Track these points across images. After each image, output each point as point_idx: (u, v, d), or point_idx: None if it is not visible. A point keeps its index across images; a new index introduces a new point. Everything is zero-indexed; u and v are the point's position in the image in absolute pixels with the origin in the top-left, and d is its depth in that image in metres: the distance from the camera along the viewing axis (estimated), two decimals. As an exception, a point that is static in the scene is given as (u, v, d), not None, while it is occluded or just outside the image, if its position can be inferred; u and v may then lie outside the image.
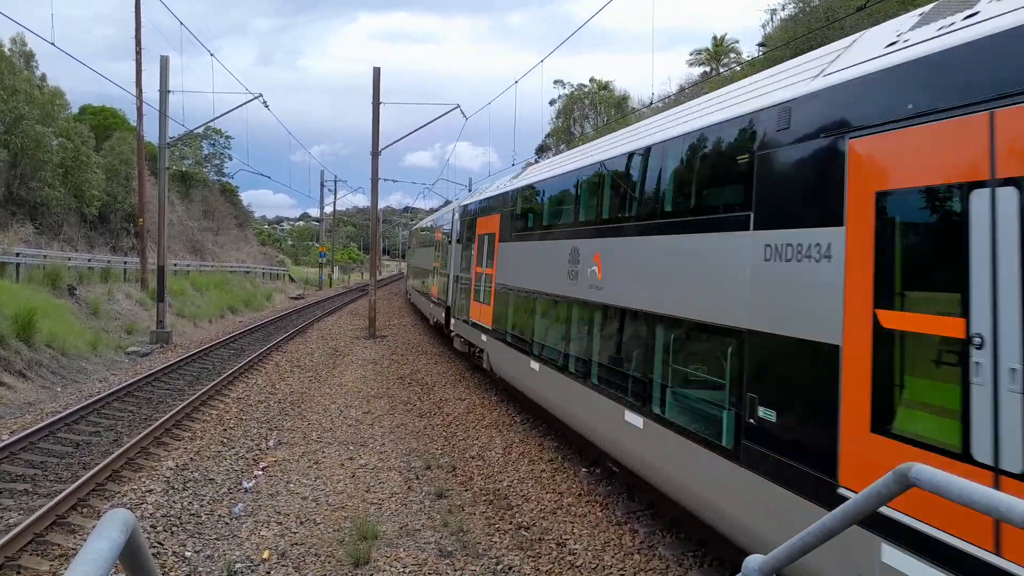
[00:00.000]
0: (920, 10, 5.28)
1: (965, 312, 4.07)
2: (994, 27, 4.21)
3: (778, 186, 5.80)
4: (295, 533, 8.21)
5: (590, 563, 7.49)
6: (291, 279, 61.64)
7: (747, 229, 6.01)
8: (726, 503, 6.17)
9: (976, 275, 4.03)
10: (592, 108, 67.65)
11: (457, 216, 21.72)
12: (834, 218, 5.00)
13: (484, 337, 15.58)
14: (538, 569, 7.37)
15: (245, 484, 9.89)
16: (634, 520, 8.60)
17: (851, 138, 4.93)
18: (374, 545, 7.71)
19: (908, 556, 4.26)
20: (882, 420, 4.55)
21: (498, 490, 9.77)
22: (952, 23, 4.63)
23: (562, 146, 60.65)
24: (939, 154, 4.37)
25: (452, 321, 20.39)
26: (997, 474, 3.84)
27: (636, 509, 8.91)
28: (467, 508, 9.06)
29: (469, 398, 15.67)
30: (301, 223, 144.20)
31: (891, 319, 4.56)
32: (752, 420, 5.75)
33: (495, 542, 8.04)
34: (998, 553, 3.80)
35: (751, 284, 5.95)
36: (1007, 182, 3.92)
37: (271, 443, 11.94)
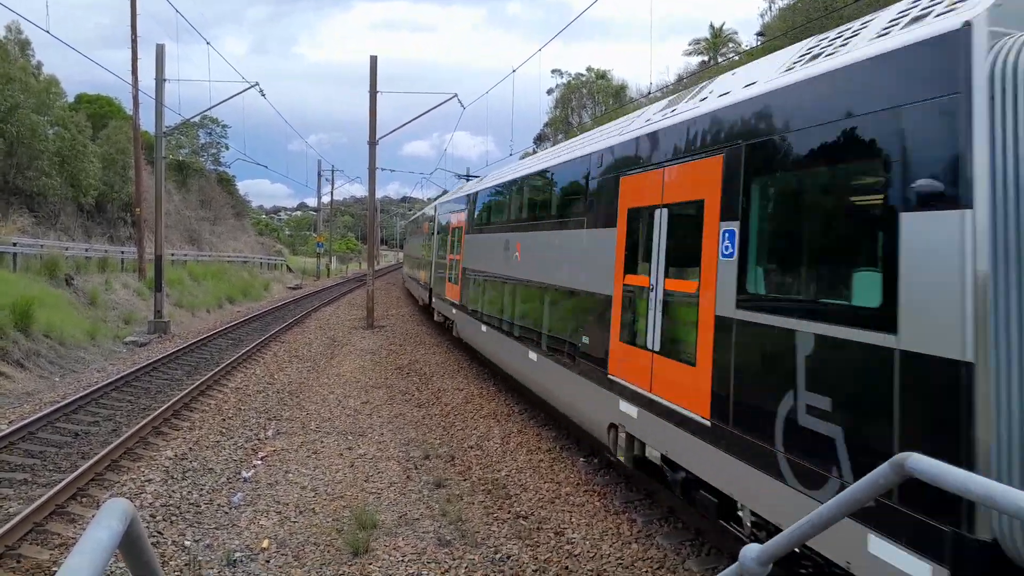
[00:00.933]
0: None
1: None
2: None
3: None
4: (294, 522, 8.23)
5: (588, 552, 7.52)
6: (289, 269, 61.59)
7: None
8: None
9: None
10: (590, 97, 67.49)
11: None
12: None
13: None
14: (536, 558, 7.41)
15: (244, 474, 9.91)
16: (632, 509, 8.63)
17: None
18: (373, 534, 7.73)
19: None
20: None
21: (496, 479, 9.80)
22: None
23: (560, 136, 60.54)
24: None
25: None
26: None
27: (634, 498, 8.95)
28: (465, 497, 9.09)
29: (467, 388, 15.69)
30: (299, 213, 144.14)
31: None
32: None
33: (493, 531, 8.07)
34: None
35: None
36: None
37: (270, 433, 11.96)
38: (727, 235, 6.23)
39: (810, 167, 5.44)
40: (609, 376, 8.53)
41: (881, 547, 4.52)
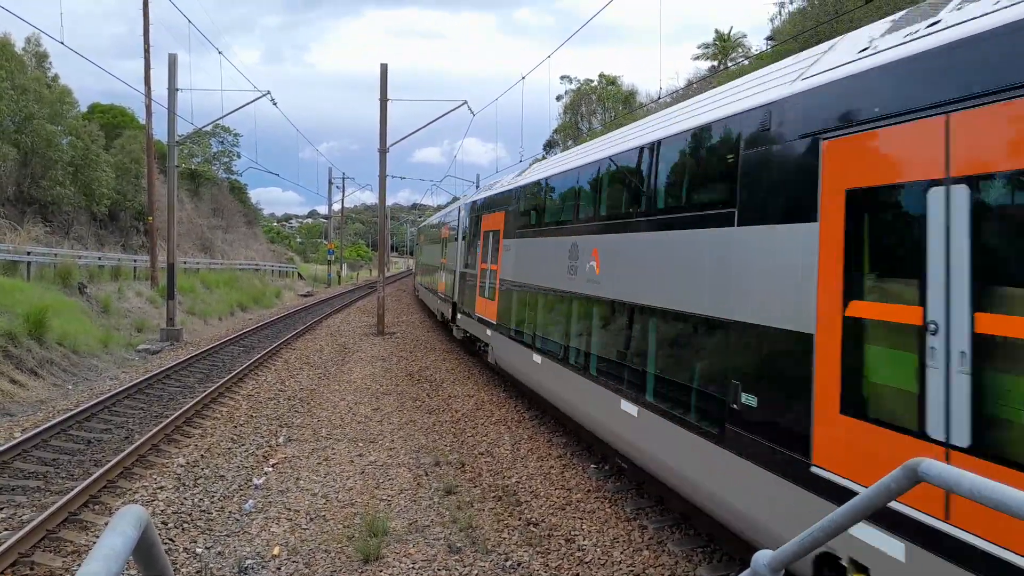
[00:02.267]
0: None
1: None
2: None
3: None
4: (305, 529, 8.25)
5: (599, 559, 7.49)
6: (300, 276, 61.83)
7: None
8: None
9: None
10: (600, 104, 67.48)
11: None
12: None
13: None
14: (547, 565, 7.38)
15: (255, 481, 9.93)
16: (643, 516, 8.60)
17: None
18: (384, 541, 7.74)
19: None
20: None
21: (507, 486, 9.79)
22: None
23: (570, 142, 60.55)
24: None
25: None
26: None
27: (645, 505, 8.91)
28: (476, 504, 9.08)
29: (477, 395, 15.69)
30: (310, 220, 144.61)
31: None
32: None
33: (504, 538, 8.05)
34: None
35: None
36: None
37: (281, 440, 11.99)
38: None
39: None
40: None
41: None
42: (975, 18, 4.47)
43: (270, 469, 10.47)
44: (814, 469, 5.10)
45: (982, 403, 4.10)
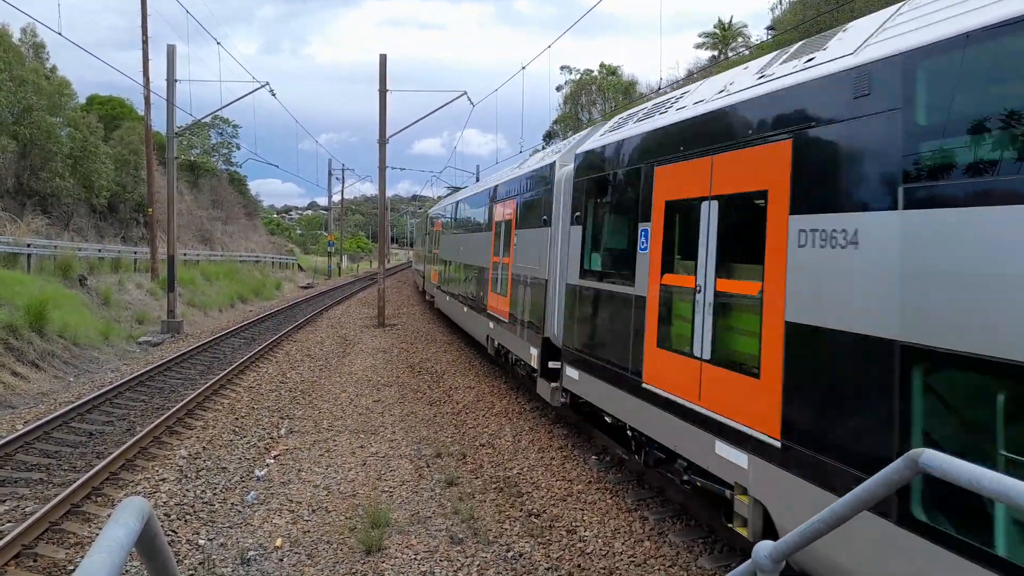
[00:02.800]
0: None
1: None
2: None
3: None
4: (307, 521, 8.27)
5: (600, 550, 7.52)
6: (300, 268, 61.82)
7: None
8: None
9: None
10: (600, 94, 67.30)
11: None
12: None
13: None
14: (548, 556, 7.41)
15: (257, 472, 9.96)
16: (644, 507, 8.62)
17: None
18: (385, 532, 7.76)
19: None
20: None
21: (508, 478, 9.81)
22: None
23: (569, 132, 60.35)
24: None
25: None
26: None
27: (646, 496, 8.93)
28: (477, 495, 9.10)
29: (478, 386, 15.71)
30: (309, 212, 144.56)
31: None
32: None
33: (506, 529, 8.08)
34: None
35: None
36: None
37: (282, 431, 12.02)
38: None
39: None
40: (644, 386, 8.04)
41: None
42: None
43: (272, 461, 10.50)
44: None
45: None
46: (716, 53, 54.94)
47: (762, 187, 5.92)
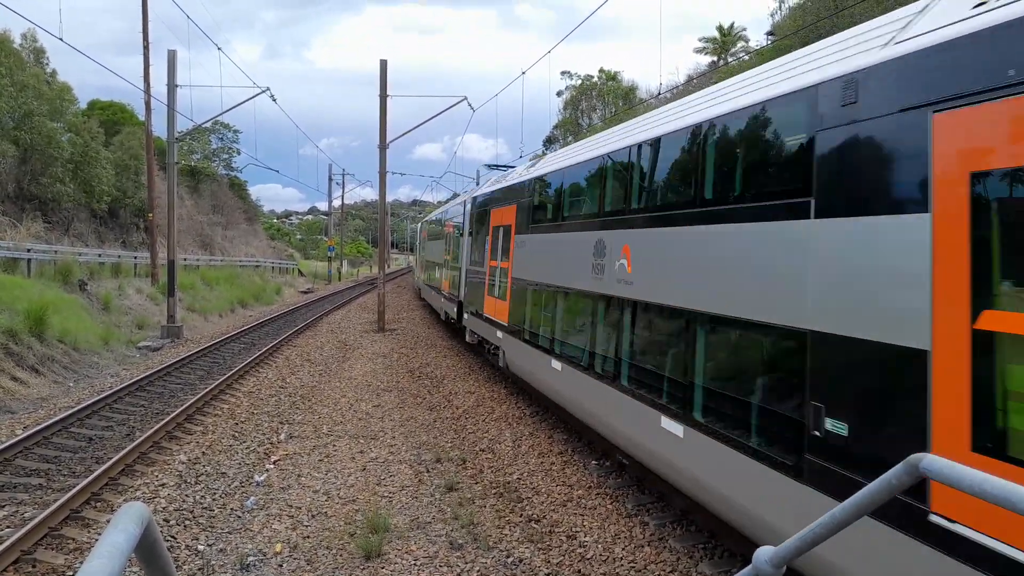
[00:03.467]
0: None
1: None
2: None
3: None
4: (307, 526, 8.26)
5: (600, 555, 7.50)
6: (300, 273, 61.81)
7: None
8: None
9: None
10: (600, 99, 67.40)
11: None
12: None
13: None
14: (549, 561, 7.39)
15: (257, 478, 9.94)
16: (644, 512, 8.60)
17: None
18: (385, 538, 7.74)
19: None
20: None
21: (508, 483, 9.80)
22: None
23: (570, 138, 60.45)
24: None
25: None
26: None
27: (646, 502, 8.92)
28: (477, 501, 9.09)
29: (478, 391, 15.70)
30: (310, 217, 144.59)
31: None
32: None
33: (505, 535, 8.06)
34: None
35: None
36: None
37: (282, 437, 12.00)
38: None
39: None
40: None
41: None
42: None
43: (272, 466, 10.48)
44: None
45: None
46: (716, 58, 55.02)
47: None
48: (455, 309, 21.40)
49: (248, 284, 38.91)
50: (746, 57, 44.20)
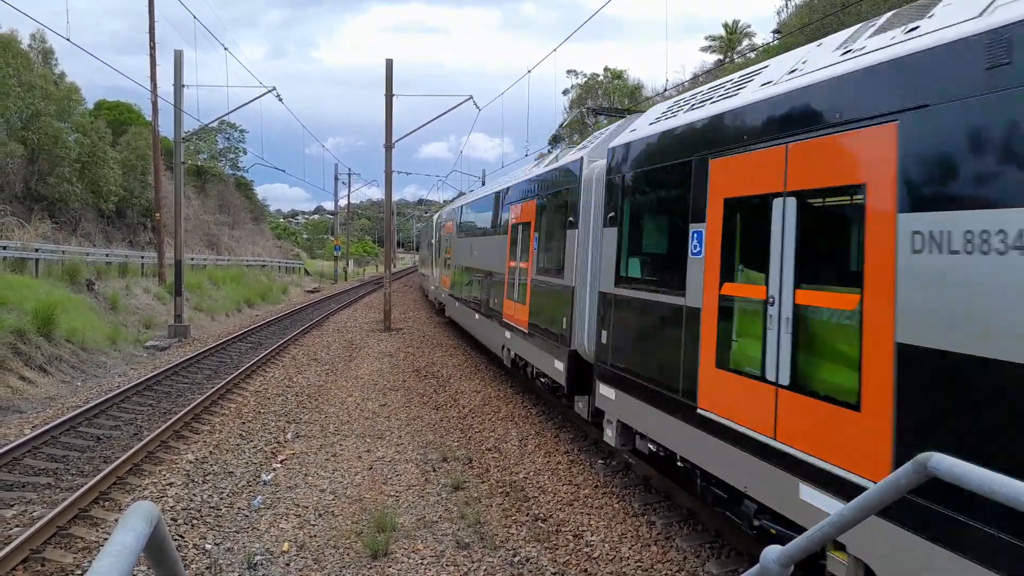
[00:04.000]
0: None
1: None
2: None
3: None
4: (314, 525, 8.27)
5: (607, 555, 7.50)
6: (306, 272, 61.95)
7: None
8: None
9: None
10: (605, 97, 67.32)
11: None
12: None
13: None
14: (555, 561, 7.39)
15: (264, 477, 9.97)
16: (651, 512, 8.59)
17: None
18: (392, 537, 7.75)
19: None
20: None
21: (514, 482, 9.80)
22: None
23: (576, 136, 60.39)
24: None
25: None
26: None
27: (653, 501, 8.90)
28: (484, 500, 9.09)
29: (484, 390, 15.71)
30: (316, 216, 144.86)
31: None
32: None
33: (512, 534, 8.06)
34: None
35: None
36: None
37: (289, 436, 12.03)
38: None
39: None
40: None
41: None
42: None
43: (278, 465, 10.51)
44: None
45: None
46: (722, 57, 54.87)
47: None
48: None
49: (255, 284, 39.01)
50: (752, 55, 44.09)
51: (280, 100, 26.40)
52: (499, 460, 10.82)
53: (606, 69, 67.12)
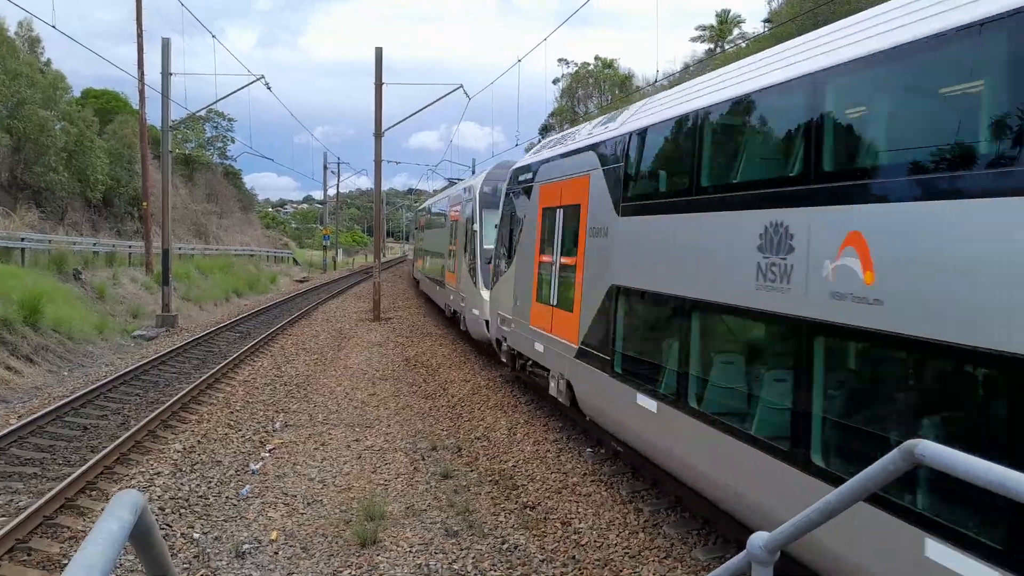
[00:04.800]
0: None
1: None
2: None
3: None
4: (302, 514, 8.28)
5: (595, 542, 7.54)
6: (295, 262, 61.72)
7: None
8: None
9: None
10: (596, 87, 67.21)
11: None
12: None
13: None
14: (543, 548, 7.43)
15: (252, 466, 9.95)
16: (639, 499, 8.64)
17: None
18: (381, 525, 7.77)
19: None
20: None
21: (503, 470, 9.83)
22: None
23: (566, 125, 60.28)
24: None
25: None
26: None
27: (640, 488, 8.95)
28: (472, 488, 9.12)
29: (474, 379, 15.72)
30: (305, 205, 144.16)
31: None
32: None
33: (501, 521, 8.09)
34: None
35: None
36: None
37: (277, 425, 12.01)
38: None
39: None
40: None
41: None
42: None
43: (267, 455, 10.49)
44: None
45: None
46: (712, 46, 54.83)
47: None
48: None
49: (243, 273, 38.83)
50: (743, 44, 44.08)
51: (269, 89, 26.20)
52: (488, 448, 10.85)
53: (597, 58, 66.99)
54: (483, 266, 16.84)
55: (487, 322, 15.85)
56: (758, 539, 2.87)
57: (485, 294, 16.29)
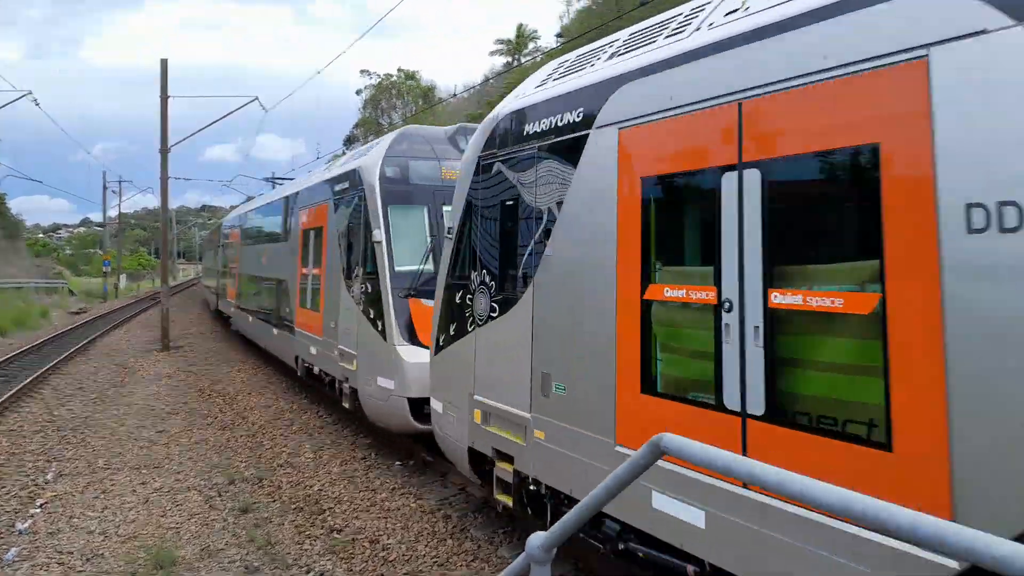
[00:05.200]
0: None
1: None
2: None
3: None
4: (80, 572, 7.47)
5: (404, 556, 7.48)
6: (71, 292, 55.89)
7: None
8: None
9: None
10: (399, 98, 67.16)
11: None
12: None
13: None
14: (351, 570, 7.25)
15: (19, 526, 8.84)
16: (447, 506, 8.69)
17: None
18: (172, 572, 7.20)
19: None
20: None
21: (308, 496, 9.48)
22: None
23: (370, 136, 59.58)
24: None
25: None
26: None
27: (449, 495, 9.02)
28: (275, 519, 8.70)
29: (276, 404, 15.05)
30: (82, 229, 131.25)
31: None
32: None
33: (305, 550, 7.79)
34: None
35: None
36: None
37: (50, 476, 10.77)
38: None
39: None
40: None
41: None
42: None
43: (37, 510, 9.36)
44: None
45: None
46: (510, 59, 56.71)
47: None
48: None
49: (8, 309, 34.52)
50: (539, 58, 45.97)
51: (37, 105, 23.50)
52: (292, 475, 10.42)
53: (399, 70, 67.00)
54: (397, 302, 10.59)
55: (413, 403, 9.86)
56: (536, 539, 2.99)
57: (407, 352, 10.19)
